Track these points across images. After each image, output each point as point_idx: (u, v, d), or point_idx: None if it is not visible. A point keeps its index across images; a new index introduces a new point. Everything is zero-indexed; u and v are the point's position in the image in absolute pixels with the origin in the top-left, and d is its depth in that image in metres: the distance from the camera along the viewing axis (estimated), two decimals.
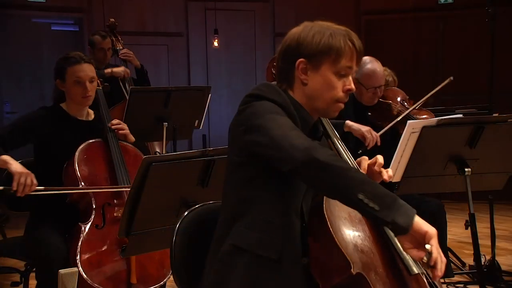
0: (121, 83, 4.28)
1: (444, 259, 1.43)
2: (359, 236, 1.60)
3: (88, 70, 2.79)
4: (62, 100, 2.88)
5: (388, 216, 1.38)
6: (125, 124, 2.95)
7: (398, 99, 3.44)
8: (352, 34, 1.66)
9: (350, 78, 1.68)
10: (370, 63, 3.32)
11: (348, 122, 3.18)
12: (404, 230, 1.39)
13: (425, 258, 1.41)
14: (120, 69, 4.30)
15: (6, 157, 2.53)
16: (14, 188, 2.46)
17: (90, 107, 2.94)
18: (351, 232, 1.59)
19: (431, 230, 1.41)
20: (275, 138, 1.51)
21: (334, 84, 1.65)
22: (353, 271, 1.50)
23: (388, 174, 1.70)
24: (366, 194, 1.39)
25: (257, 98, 1.62)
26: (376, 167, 1.73)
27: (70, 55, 2.81)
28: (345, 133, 3.17)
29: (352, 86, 1.68)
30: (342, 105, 1.70)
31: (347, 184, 1.41)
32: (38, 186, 2.52)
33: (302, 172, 1.48)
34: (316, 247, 1.60)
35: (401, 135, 3.27)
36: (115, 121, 2.91)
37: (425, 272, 1.62)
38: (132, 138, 2.96)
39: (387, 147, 3.34)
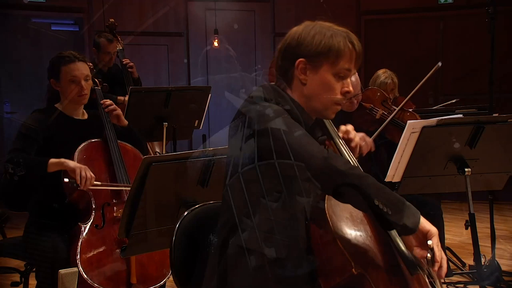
0: None
1: (445, 257, 1.53)
2: (360, 235, 1.60)
3: (82, 68, 2.77)
4: (57, 100, 2.85)
5: (400, 219, 1.48)
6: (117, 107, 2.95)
7: (379, 99, 3.42)
8: (352, 36, 1.68)
9: (349, 80, 1.70)
10: None
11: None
12: (412, 230, 1.50)
13: (429, 256, 1.51)
14: None
15: (55, 159, 2.59)
16: (78, 182, 2.55)
17: (88, 107, 2.93)
18: (353, 232, 1.60)
19: (433, 229, 1.51)
20: (291, 145, 1.53)
21: (333, 85, 1.67)
22: (355, 270, 1.50)
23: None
24: (381, 200, 1.48)
25: (260, 100, 1.62)
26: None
27: (64, 54, 2.78)
28: None
29: (351, 88, 1.70)
30: (339, 107, 1.72)
31: (366, 191, 1.49)
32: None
33: (321, 180, 1.53)
34: (318, 246, 1.60)
35: (388, 138, 3.31)
36: (107, 102, 2.92)
37: (427, 271, 1.62)
38: (125, 121, 2.96)
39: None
